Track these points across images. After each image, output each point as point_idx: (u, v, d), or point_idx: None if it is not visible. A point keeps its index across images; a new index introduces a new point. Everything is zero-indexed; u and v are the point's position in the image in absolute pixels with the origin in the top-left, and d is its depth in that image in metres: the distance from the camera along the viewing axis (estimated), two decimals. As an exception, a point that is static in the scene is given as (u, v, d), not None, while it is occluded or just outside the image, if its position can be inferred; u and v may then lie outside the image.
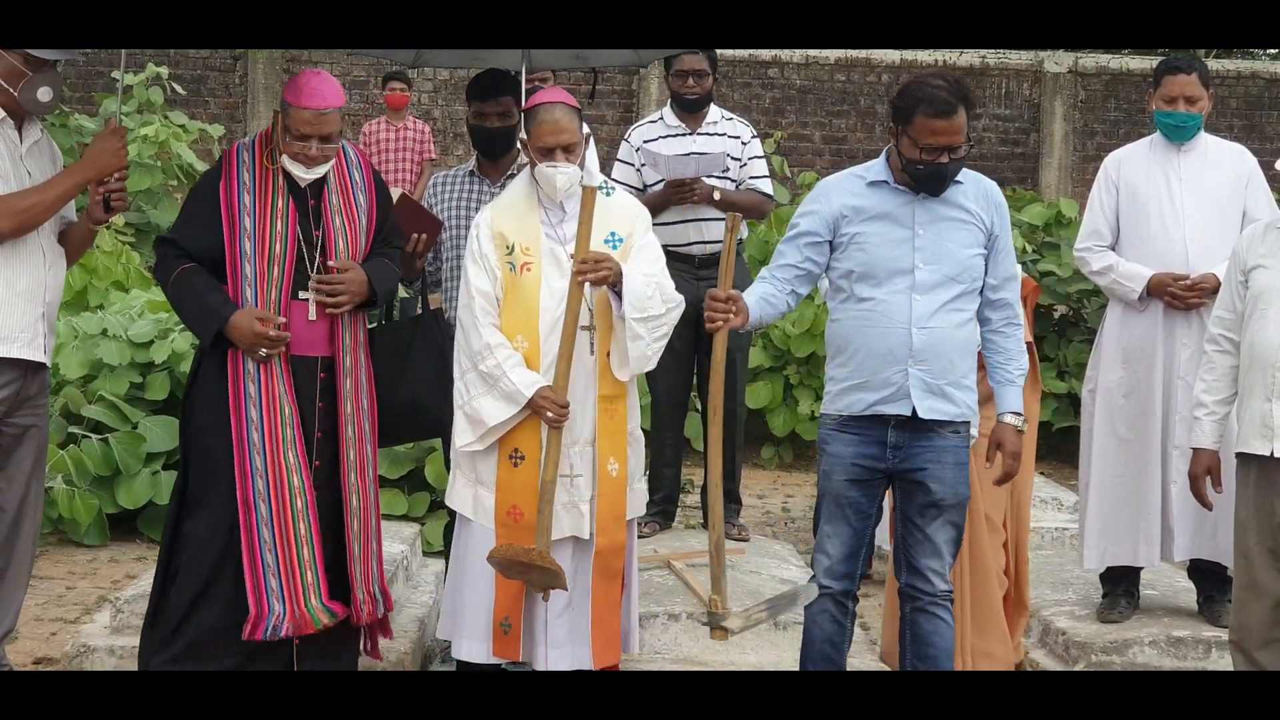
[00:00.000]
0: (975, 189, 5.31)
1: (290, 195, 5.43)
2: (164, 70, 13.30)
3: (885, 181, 5.27)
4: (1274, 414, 5.24)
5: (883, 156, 5.34)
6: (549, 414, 5.25)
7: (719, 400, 5.23)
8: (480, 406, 5.35)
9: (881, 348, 5.19)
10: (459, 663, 5.62)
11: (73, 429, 8.55)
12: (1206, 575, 6.44)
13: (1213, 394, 5.50)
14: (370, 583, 5.54)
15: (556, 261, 5.48)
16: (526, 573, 5.20)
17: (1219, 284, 5.75)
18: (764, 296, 5.27)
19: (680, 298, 5.64)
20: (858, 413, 5.26)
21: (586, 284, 5.25)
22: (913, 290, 5.18)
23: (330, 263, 5.40)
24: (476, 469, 5.50)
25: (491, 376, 5.34)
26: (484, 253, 5.47)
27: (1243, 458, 5.41)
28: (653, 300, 5.43)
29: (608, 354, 5.50)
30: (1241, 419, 5.40)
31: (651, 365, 5.64)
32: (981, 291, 5.33)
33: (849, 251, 5.25)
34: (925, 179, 5.18)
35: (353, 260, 5.47)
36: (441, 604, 5.91)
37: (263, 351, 5.27)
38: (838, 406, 5.33)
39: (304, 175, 5.39)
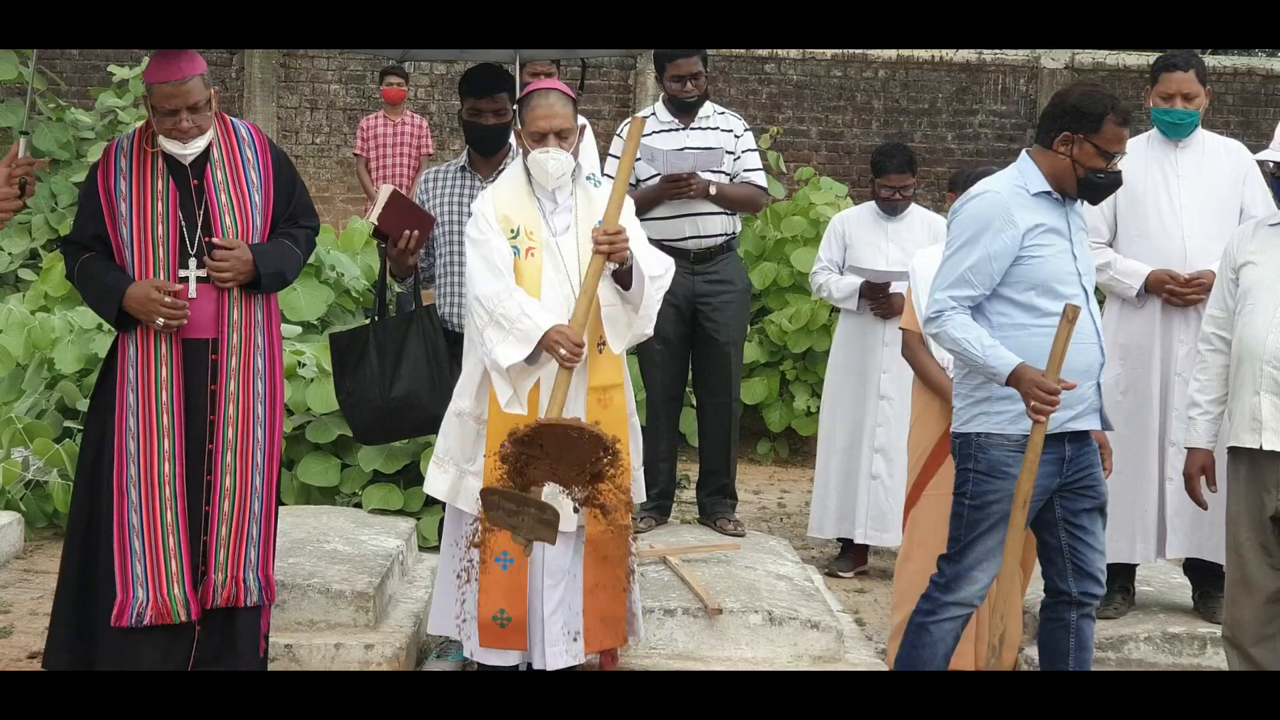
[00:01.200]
0: None
1: (170, 176, 5.39)
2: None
3: (1048, 192, 5.21)
4: (1263, 407, 5.31)
5: (1030, 165, 5.26)
6: (562, 351, 5.18)
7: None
8: (498, 354, 5.27)
9: (1080, 365, 5.14)
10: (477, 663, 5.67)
11: (68, 423, 8.56)
12: (1202, 571, 6.44)
13: (1206, 393, 5.54)
14: (240, 567, 5.47)
15: (551, 253, 5.48)
16: (516, 515, 5.06)
17: None
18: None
19: (670, 260, 5.75)
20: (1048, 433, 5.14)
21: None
22: (1087, 303, 5.17)
23: (214, 240, 5.34)
24: (466, 456, 5.51)
25: (508, 318, 5.27)
26: (491, 225, 5.45)
27: (1234, 452, 5.46)
28: (658, 261, 5.55)
29: (600, 344, 5.50)
30: (1233, 414, 5.44)
31: (649, 330, 5.68)
32: None
33: (1029, 265, 5.17)
34: (1102, 188, 5.22)
35: (244, 239, 5.42)
36: (434, 600, 5.91)
37: (160, 321, 5.22)
38: (1021, 428, 5.15)
39: (182, 152, 5.35)
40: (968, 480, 5.29)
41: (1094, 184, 5.14)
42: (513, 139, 5.98)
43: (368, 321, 6.21)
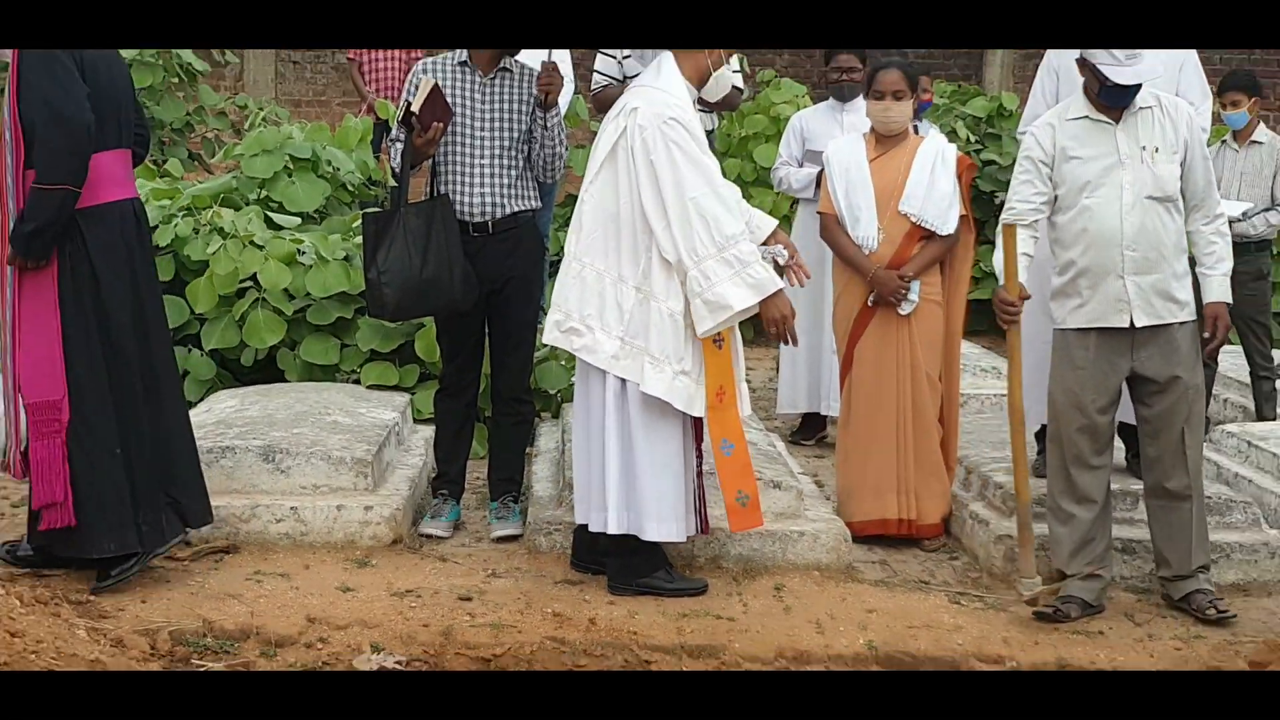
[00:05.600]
0: None
1: None
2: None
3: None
4: (1128, 289, 5.46)
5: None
6: (776, 316, 5.38)
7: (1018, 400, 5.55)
8: (725, 292, 5.24)
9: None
10: (640, 544, 5.56)
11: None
12: (1135, 433, 6.49)
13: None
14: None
15: None
16: None
17: None
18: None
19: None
20: None
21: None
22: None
23: None
24: (678, 354, 5.37)
25: (741, 261, 5.27)
26: (702, 141, 5.45)
27: (1079, 333, 5.60)
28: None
29: None
30: (1088, 301, 5.54)
31: None
32: None
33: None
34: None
35: None
36: (592, 488, 5.62)
37: None
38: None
39: None
40: None
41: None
42: None
43: (383, 209, 6.19)
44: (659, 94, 5.43)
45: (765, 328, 5.43)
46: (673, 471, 5.48)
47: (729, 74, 5.69)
